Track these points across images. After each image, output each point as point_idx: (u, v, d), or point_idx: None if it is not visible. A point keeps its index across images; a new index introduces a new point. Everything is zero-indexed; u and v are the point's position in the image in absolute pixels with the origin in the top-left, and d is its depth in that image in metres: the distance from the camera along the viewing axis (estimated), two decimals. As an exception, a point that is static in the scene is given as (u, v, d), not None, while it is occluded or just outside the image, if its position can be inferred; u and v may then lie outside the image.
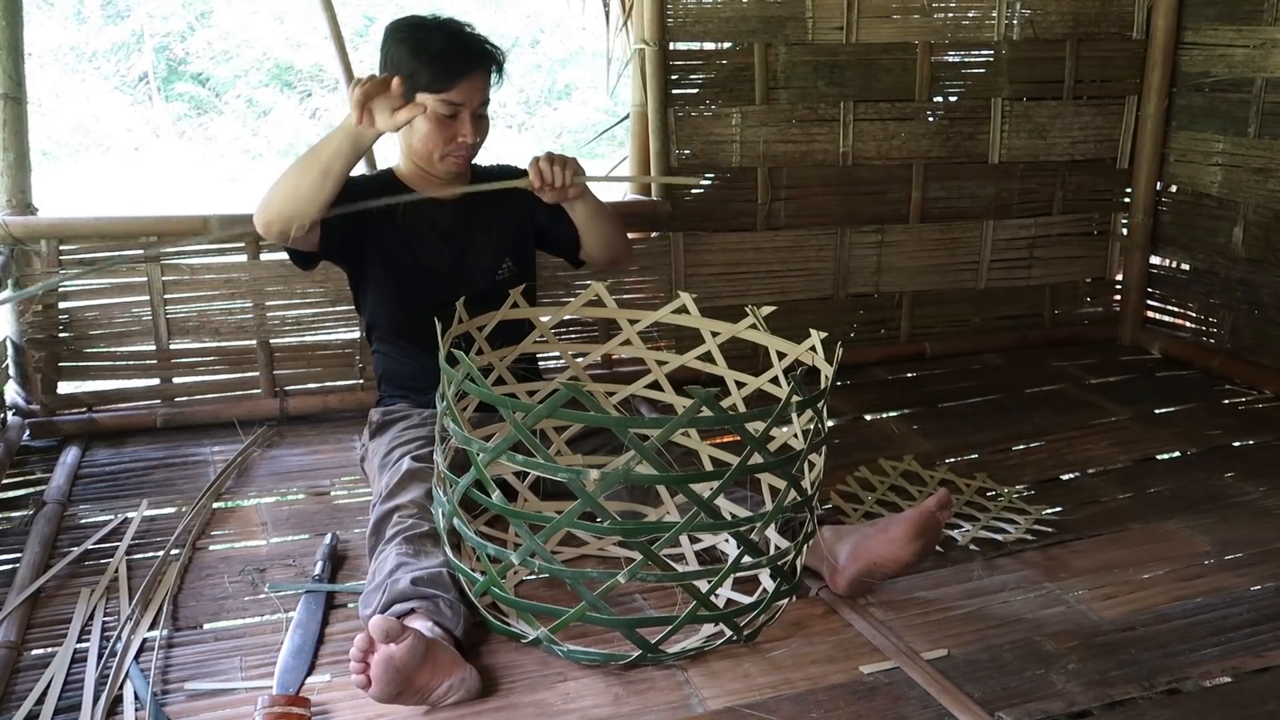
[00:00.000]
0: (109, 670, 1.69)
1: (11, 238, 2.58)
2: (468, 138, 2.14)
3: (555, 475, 1.57)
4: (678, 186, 3.02)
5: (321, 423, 2.81)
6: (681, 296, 2.16)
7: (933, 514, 1.84)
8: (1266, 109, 3.10)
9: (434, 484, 1.86)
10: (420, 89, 2.07)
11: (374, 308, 2.31)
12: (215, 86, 9.72)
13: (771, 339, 2.04)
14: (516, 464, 1.59)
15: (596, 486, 1.54)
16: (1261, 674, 1.72)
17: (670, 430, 1.55)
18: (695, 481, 1.60)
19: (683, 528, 1.60)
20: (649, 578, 1.68)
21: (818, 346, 1.93)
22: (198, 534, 2.18)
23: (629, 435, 1.53)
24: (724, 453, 2.12)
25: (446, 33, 2.12)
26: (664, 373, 2.24)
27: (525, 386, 2.22)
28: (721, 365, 2.17)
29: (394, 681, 1.52)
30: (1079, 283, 3.59)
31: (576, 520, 1.61)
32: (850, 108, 3.20)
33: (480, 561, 1.73)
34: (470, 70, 2.11)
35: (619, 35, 3.13)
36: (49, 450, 2.61)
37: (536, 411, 1.54)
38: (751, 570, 1.76)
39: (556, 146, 9.76)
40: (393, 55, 2.12)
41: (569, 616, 1.64)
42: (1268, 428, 2.80)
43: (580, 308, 2.23)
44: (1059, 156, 3.43)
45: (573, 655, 1.70)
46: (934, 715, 1.61)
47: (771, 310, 2.08)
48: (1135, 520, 2.27)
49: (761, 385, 2.12)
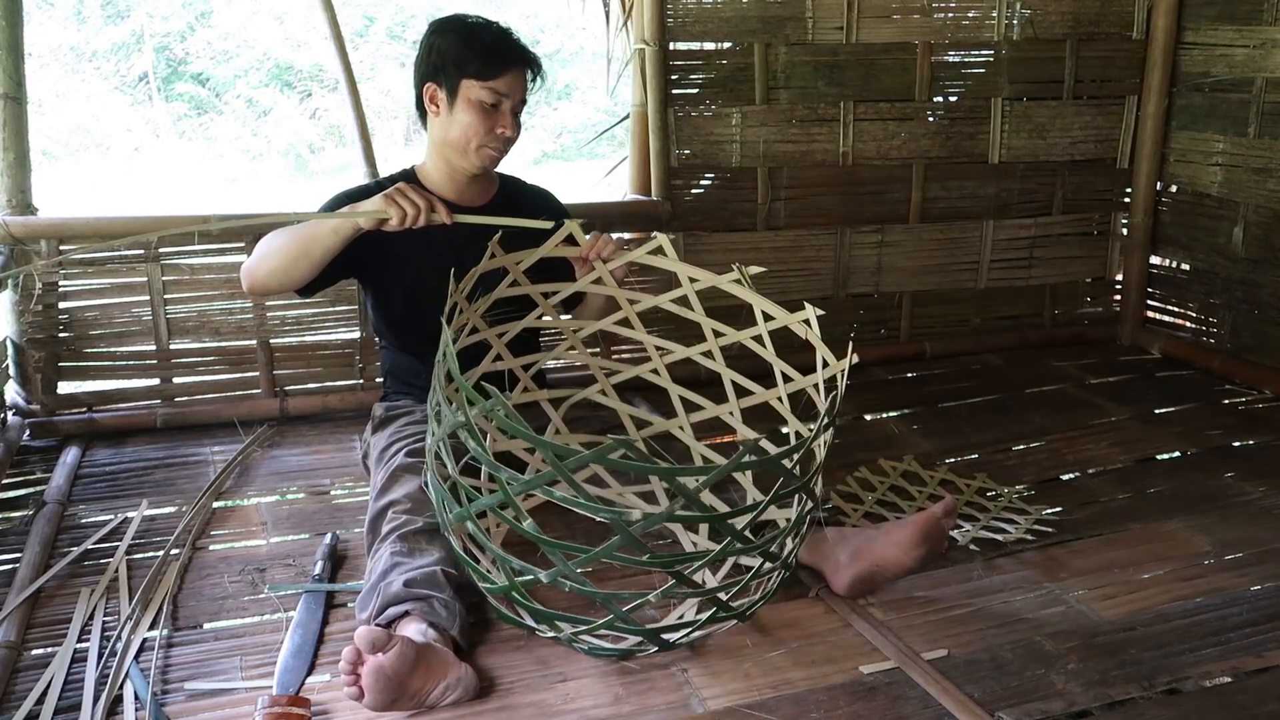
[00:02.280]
0: (109, 670, 1.69)
1: (11, 238, 2.58)
2: (507, 130, 2.13)
3: (597, 515, 1.54)
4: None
5: (321, 423, 2.81)
6: (658, 238, 2.10)
7: (939, 521, 1.85)
8: (1266, 109, 3.10)
9: (432, 481, 1.78)
10: (468, 76, 2.09)
11: (380, 305, 2.30)
12: (215, 86, 9.73)
13: (758, 298, 2.03)
14: (554, 497, 1.57)
15: (638, 526, 1.54)
16: (1261, 674, 1.72)
17: (715, 478, 1.56)
18: (731, 517, 1.61)
19: (716, 555, 1.62)
20: (676, 596, 1.72)
21: (812, 321, 1.92)
22: (198, 534, 2.18)
23: (676, 483, 1.55)
24: (716, 454, 2.19)
25: (498, 27, 2.16)
26: (664, 362, 2.26)
27: (545, 394, 2.21)
28: (699, 311, 2.15)
29: (387, 690, 1.52)
30: (1079, 283, 3.59)
31: (615, 553, 1.60)
32: (850, 108, 3.20)
33: (498, 566, 1.69)
34: (518, 63, 2.13)
35: (619, 35, 3.13)
36: (49, 450, 2.61)
37: (580, 458, 1.52)
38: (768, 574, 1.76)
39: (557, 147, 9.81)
40: (440, 46, 2.13)
41: (597, 625, 1.64)
42: (1268, 428, 2.80)
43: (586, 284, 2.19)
44: (1059, 156, 3.43)
45: (595, 651, 1.70)
46: (934, 715, 1.61)
47: (761, 271, 2.06)
48: (1135, 520, 2.27)
49: (742, 339, 2.11)
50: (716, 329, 2.16)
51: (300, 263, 2.05)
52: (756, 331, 2.07)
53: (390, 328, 2.30)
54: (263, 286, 2.12)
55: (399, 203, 1.95)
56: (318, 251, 2.03)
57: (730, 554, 1.67)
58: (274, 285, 2.12)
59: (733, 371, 2.18)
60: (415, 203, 1.96)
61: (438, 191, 2.19)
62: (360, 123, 3.00)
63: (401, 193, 1.96)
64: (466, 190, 2.22)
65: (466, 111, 2.11)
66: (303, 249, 2.03)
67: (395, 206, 1.95)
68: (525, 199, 2.31)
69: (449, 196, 2.18)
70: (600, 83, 3.57)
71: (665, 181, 3.08)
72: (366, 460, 2.31)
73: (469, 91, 2.10)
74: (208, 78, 9.73)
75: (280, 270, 2.07)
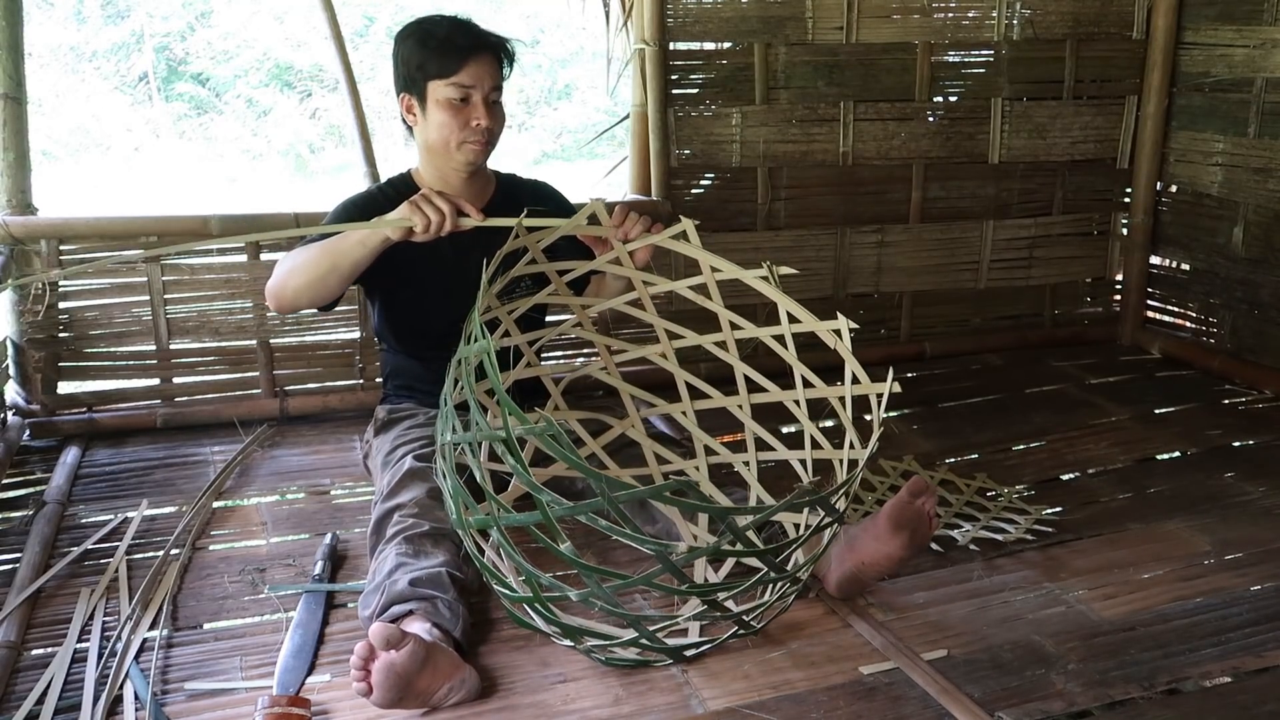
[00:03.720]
0: (109, 670, 1.69)
1: (11, 238, 2.58)
2: (482, 121, 2.10)
3: (643, 547, 1.54)
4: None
5: (321, 423, 2.81)
6: (684, 222, 2.04)
7: (909, 503, 1.80)
8: (1266, 109, 3.10)
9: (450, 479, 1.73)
10: (431, 78, 2.08)
11: (385, 308, 2.29)
12: (215, 86, 9.73)
13: (785, 298, 1.98)
14: (600, 527, 1.55)
15: (682, 559, 1.54)
16: (1261, 674, 1.72)
17: (765, 517, 1.58)
18: (774, 553, 1.63)
19: (754, 583, 1.66)
20: (706, 619, 1.74)
21: (844, 332, 1.88)
22: (198, 534, 2.18)
23: (730, 523, 1.55)
24: (721, 447, 2.21)
25: (451, 21, 2.14)
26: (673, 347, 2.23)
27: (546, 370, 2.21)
28: (718, 301, 2.11)
29: (396, 688, 1.52)
30: (1079, 283, 3.59)
31: (654, 581, 1.61)
32: (850, 108, 3.20)
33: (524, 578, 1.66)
34: (477, 52, 2.09)
35: (619, 35, 3.13)
36: (49, 450, 2.61)
37: (633, 494, 1.52)
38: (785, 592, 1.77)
39: (556, 147, 9.81)
40: (403, 55, 2.12)
41: (621, 642, 1.65)
42: (1268, 428, 2.80)
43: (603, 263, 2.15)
44: (1059, 156, 3.43)
45: (613, 662, 1.70)
46: (934, 716, 1.61)
47: (792, 273, 2.03)
48: (1135, 520, 2.27)
49: (763, 336, 2.08)
50: (734, 321, 2.12)
51: (329, 278, 2.03)
52: (779, 330, 2.02)
53: (393, 331, 2.30)
54: (292, 304, 2.09)
55: (424, 210, 1.92)
56: (346, 265, 2.02)
57: (764, 582, 1.68)
58: (303, 302, 2.09)
59: (746, 366, 2.16)
60: (440, 210, 1.93)
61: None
62: (360, 123, 3.00)
63: (426, 200, 1.93)
64: (462, 192, 2.17)
65: (438, 112, 2.10)
66: (330, 264, 2.01)
67: (420, 215, 1.92)
68: (523, 195, 2.29)
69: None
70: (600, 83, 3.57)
71: (665, 181, 3.08)
72: (368, 461, 2.31)
73: (435, 92, 2.08)
74: (208, 78, 9.73)
75: (308, 287, 2.05)
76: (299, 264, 2.04)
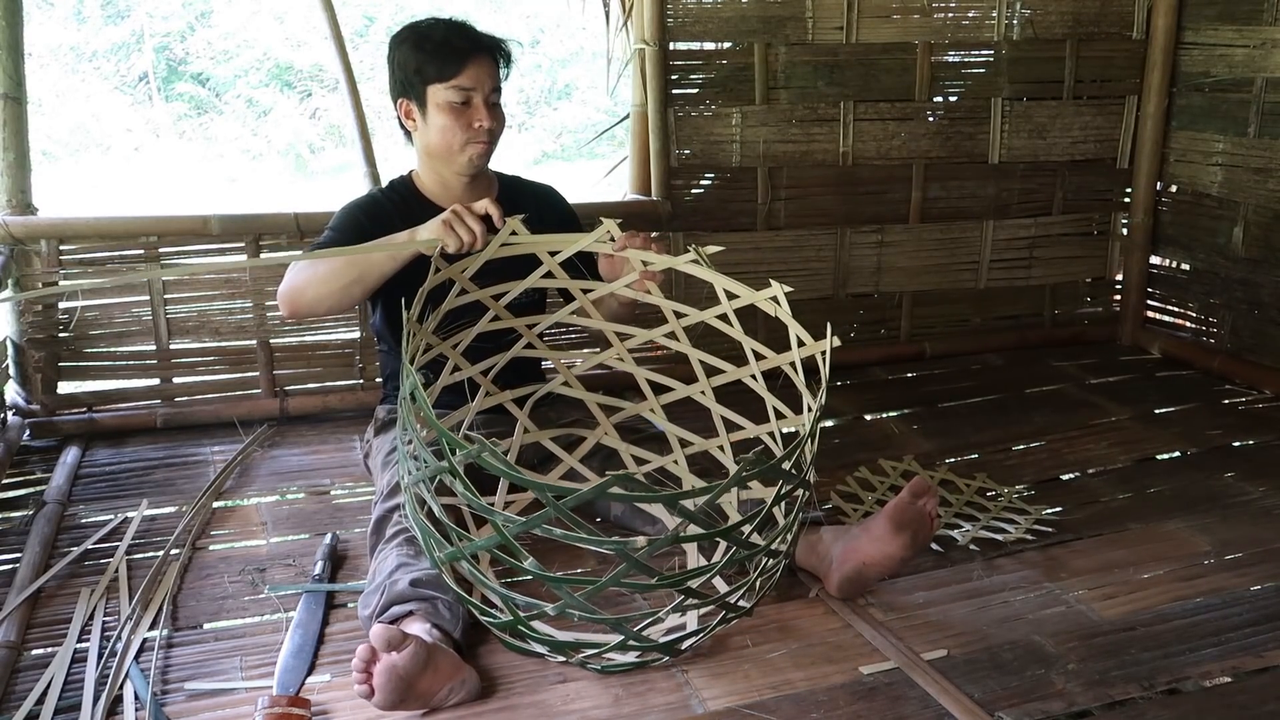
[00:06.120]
0: (109, 670, 1.69)
1: (11, 238, 2.58)
2: (484, 122, 2.11)
3: (601, 548, 1.56)
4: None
5: (321, 423, 2.81)
6: (605, 223, 2.06)
7: (910, 504, 1.81)
8: (1266, 109, 3.09)
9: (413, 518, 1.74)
10: (430, 82, 2.08)
11: (385, 309, 2.29)
12: (215, 86, 9.74)
13: (719, 276, 1.99)
14: (555, 536, 1.56)
15: (643, 553, 1.54)
16: (1261, 674, 1.72)
17: (716, 496, 1.57)
18: (735, 529, 1.63)
19: (723, 564, 1.66)
20: (685, 609, 1.73)
21: (780, 298, 1.88)
22: (198, 534, 2.18)
23: (680, 507, 1.55)
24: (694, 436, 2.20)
25: (446, 23, 2.13)
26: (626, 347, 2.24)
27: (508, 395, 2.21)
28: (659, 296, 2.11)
29: (397, 690, 1.52)
30: (1079, 283, 3.59)
31: (623, 580, 1.60)
32: (850, 108, 3.20)
33: (503, 603, 1.67)
34: (475, 54, 2.10)
35: (619, 35, 3.13)
36: (49, 450, 2.61)
37: (578, 496, 1.52)
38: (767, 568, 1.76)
39: (557, 147, 9.82)
40: (399, 59, 2.12)
41: (609, 648, 1.65)
42: (1268, 428, 2.80)
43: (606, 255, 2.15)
44: (1059, 156, 3.43)
45: (610, 669, 1.70)
46: (934, 715, 1.61)
47: (718, 250, 2.02)
48: (1135, 520, 2.27)
49: (707, 319, 2.08)
50: (678, 310, 2.13)
51: (353, 288, 2.05)
52: (721, 309, 2.03)
53: (395, 333, 2.29)
54: (308, 310, 2.10)
55: (457, 231, 1.94)
56: (373, 277, 2.04)
57: (738, 560, 1.67)
58: (322, 309, 2.11)
59: (700, 351, 2.15)
60: (471, 229, 1.94)
61: (436, 201, 2.19)
62: (360, 123, 3.00)
63: (459, 219, 1.95)
64: (464, 196, 2.17)
65: (439, 115, 2.10)
66: (356, 274, 2.03)
67: (453, 235, 1.94)
68: (526, 198, 2.29)
69: (447, 205, 2.17)
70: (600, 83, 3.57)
71: (665, 181, 3.08)
72: (368, 460, 2.31)
73: (435, 96, 2.08)
74: (208, 78, 9.73)
75: (330, 295, 2.06)
76: (321, 273, 2.04)
